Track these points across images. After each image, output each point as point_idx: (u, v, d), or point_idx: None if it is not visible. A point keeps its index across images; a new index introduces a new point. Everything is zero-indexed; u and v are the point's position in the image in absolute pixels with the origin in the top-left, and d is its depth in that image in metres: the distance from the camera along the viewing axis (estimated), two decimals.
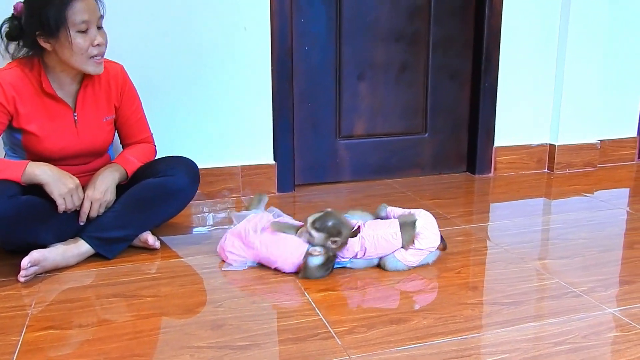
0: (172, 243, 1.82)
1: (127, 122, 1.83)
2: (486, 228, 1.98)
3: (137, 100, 1.84)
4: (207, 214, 2.13)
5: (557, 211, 2.18)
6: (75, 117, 1.69)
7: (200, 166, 1.82)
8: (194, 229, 1.98)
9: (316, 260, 1.50)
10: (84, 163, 1.76)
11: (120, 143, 1.89)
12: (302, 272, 1.53)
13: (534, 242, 1.84)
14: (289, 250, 1.56)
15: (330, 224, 1.53)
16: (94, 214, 1.66)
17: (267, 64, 2.26)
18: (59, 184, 1.57)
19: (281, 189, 2.39)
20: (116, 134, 1.87)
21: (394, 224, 1.59)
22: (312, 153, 2.50)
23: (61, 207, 1.59)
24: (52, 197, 1.57)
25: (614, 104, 2.84)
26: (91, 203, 1.65)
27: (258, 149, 2.33)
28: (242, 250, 1.61)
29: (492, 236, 1.89)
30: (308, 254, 1.51)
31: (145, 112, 1.88)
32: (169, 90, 2.18)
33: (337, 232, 1.53)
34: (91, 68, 1.61)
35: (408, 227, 1.58)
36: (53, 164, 1.61)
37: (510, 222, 2.02)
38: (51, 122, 1.66)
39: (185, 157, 1.81)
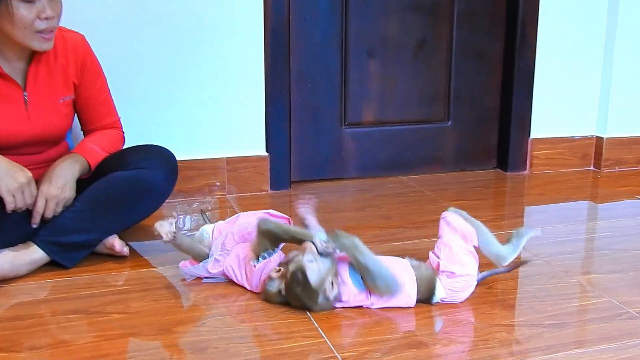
0: (143, 250, 1.81)
1: (89, 103, 1.81)
2: None
3: (102, 77, 1.83)
4: (184, 215, 2.12)
5: (605, 217, 2.19)
6: (26, 98, 1.68)
7: (177, 158, 1.82)
8: None
9: (272, 285, 1.48)
10: (37, 152, 1.75)
11: (82, 129, 1.88)
12: (262, 294, 1.51)
13: (578, 253, 1.84)
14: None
15: (297, 291, 1.41)
16: (49, 214, 1.65)
17: (259, 37, 2.25)
18: (7, 177, 1.56)
19: (275, 186, 2.38)
20: (76, 119, 1.85)
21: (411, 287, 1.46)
22: (312, 144, 2.49)
23: (10, 206, 1.57)
24: None
25: None
26: (46, 201, 1.63)
27: (247, 138, 2.33)
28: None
29: (528, 245, 1.86)
30: (268, 277, 1.49)
31: (111, 92, 1.86)
32: (139, 66, 2.16)
33: (299, 302, 1.45)
34: (36, 44, 1.59)
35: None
36: (0, 154, 1.58)
37: (550, 228, 2.02)
38: None
39: (160, 146, 1.81)
